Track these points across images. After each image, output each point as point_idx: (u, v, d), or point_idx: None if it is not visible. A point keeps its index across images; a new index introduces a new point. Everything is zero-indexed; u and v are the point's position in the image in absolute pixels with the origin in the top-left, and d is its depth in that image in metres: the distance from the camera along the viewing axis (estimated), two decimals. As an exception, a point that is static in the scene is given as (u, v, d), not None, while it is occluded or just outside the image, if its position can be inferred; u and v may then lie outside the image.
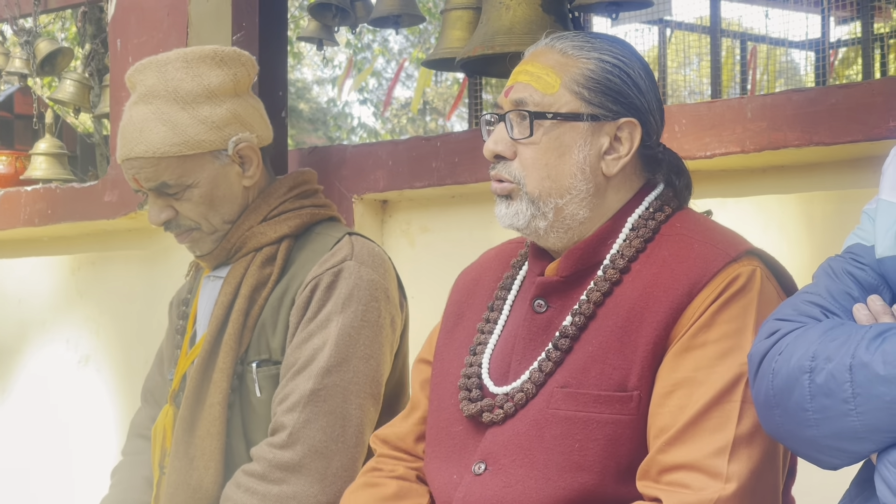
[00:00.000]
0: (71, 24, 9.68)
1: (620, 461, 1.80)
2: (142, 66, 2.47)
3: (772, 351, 1.62)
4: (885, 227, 1.66)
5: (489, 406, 1.92)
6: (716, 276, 1.82)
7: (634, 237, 1.93)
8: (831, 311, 1.65)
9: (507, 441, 1.88)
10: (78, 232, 4.48)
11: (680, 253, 1.88)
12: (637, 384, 1.81)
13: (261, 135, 2.53)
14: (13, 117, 6.07)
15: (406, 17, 4.26)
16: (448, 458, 1.98)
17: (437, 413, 2.05)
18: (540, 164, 1.92)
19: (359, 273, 2.45)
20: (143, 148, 2.40)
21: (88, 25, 5.24)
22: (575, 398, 1.83)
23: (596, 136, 1.92)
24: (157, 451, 2.57)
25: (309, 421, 2.35)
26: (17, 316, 4.82)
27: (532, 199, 1.92)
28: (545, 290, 1.96)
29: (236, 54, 2.51)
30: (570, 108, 1.92)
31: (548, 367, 1.88)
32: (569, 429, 1.82)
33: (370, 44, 16.21)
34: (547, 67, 1.94)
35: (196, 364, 2.49)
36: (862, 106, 2.66)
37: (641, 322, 1.83)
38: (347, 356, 2.39)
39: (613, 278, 1.89)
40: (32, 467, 4.68)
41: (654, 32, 8.55)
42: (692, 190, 2.07)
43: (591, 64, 1.93)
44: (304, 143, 17.22)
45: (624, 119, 1.93)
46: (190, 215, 2.48)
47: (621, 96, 1.93)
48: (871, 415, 1.48)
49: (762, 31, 9.29)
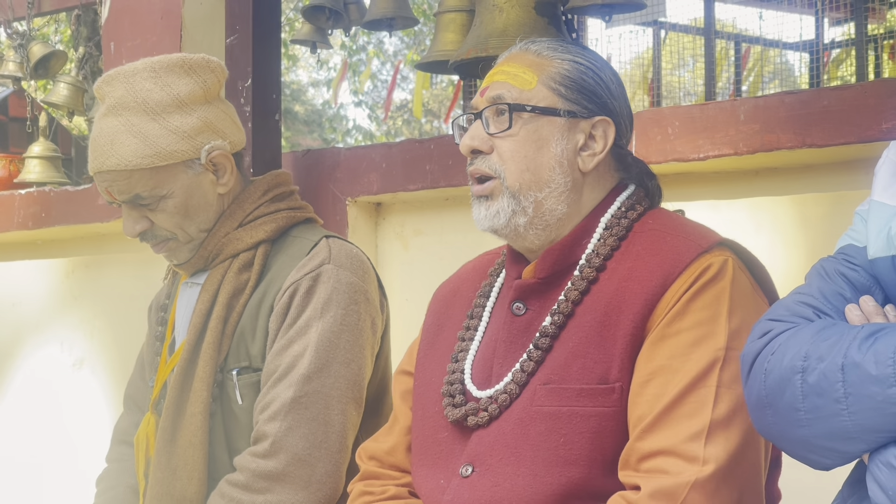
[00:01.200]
0: (65, 26, 9.68)
1: (606, 453, 1.82)
2: (109, 77, 2.44)
3: (764, 351, 1.63)
4: (877, 228, 1.66)
5: (473, 410, 1.93)
6: (688, 266, 1.86)
7: (609, 235, 1.96)
8: (824, 311, 1.65)
9: (494, 442, 1.89)
10: (72, 235, 4.48)
11: (653, 247, 1.91)
12: (618, 376, 1.83)
13: (233, 140, 2.50)
14: (7, 120, 6.08)
15: (400, 19, 4.26)
16: (435, 465, 1.98)
17: (421, 422, 2.06)
18: (519, 155, 1.95)
19: (337, 276, 2.43)
20: (114, 161, 2.37)
21: (82, 28, 5.23)
22: (558, 393, 1.85)
23: (572, 132, 1.97)
24: (140, 459, 2.55)
25: (291, 429, 2.33)
26: (12, 319, 4.82)
27: (513, 193, 1.95)
28: (523, 292, 1.98)
29: (205, 61, 2.47)
30: (547, 103, 1.96)
31: (529, 367, 1.90)
32: (553, 424, 1.84)
33: (365, 46, 16.21)
34: (523, 66, 1.99)
35: (175, 373, 2.46)
36: (855, 108, 2.67)
37: (619, 316, 1.86)
38: (328, 362, 2.38)
39: (590, 277, 1.92)
40: (27, 470, 4.68)
41: (648, 34, 8.55)
42: (662, 193, 2.10)
43: (567, 64, 1.99)
44: (300, 145, 17.22)
45: (598, 117, 1.98)
46: (165, 226, 2.46)
47: (595, 96, 1.98)
48: (862, 415, 1.48)
49: (756, 32, 9.31)
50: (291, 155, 3.79)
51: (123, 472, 2.67)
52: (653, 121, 3.00)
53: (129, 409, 2.77)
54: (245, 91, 3.38)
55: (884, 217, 1.66)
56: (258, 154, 3.38)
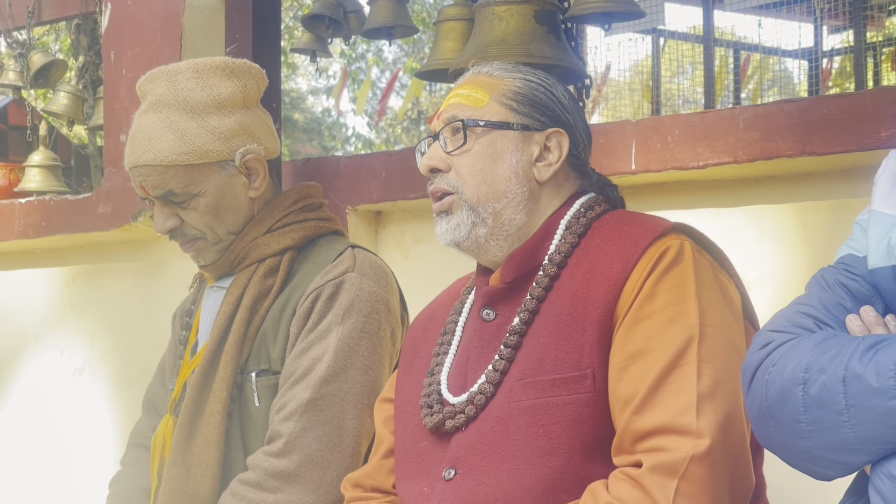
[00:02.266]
0: (65, 36, 9.69)
1: (585, 440, 1.85)
2: (152, 75, 2.50)
3: (765, 362, 1.62)
4: (877, 237, 1.66)
5: (450, 413, 1.97)
6: (646, 250, 1.90)
7: (569, 234, 2.01)
8: (824, 322, 1.65)
9: (474, 443, 1.91)
10: (72, 244, 4.48)
11: (610, 237, 1.96)
12: (589, 362, 1.87)
13: (268, 147, 2.55)
14: (7, 129, 6.08)
15: (399, 28, 4.26)
16: (417, 474, 2.01)
17: (402, 437, 2.09)
18: (475, 169, 2.02)
19: (360, 285, 2.46)
20: (151, 156, 2.41)
21: (82, 37, 5.24)
22: (533, 387, 1.88)
23: (527, 145, 2.03)
24: (156, 460, 2.58)
25: (305, 430, 2.35)
26: (12, 328, 4.81)
27: (471, 206, 2.01)
28: (491, 298, 2.03)
29: (247, 66, 2.53)
30: (500, 118, 2.03)
31: (501, 366, 1.94)
32: (531, 417, 1.87)
33: (364, 54, 16.23)
34: (475, 87, 2.07)
35: (196, 373, 2.49)
36: (854, 116, 2.67)
37: (586, 306, 1.90)
38: (346, 366, 2.40)
39: (553, 273, 1.97)
40: (29, 479, 4.67)
41: (647, 42, 8.57)
42: (624, 203, 2.15)
43: (518, 82, 2.06)
44: (299, 153, 17.23)
45: (551, 129, 2.04)
46: (195, 224, 2.49)
47: (548, 109, 2.05)
48: (864, 426, 1.48)
49: (755, 40, 9.32)
50: (291, 164, 3.79)
51: (137, 475, 2.69)
52: (652, 129, 3.00)
53: (147, 413, 2.79)
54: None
55: (884, 227, 1.66)
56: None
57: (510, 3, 3.12)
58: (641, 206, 3.15)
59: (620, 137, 3.05)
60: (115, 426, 4.29)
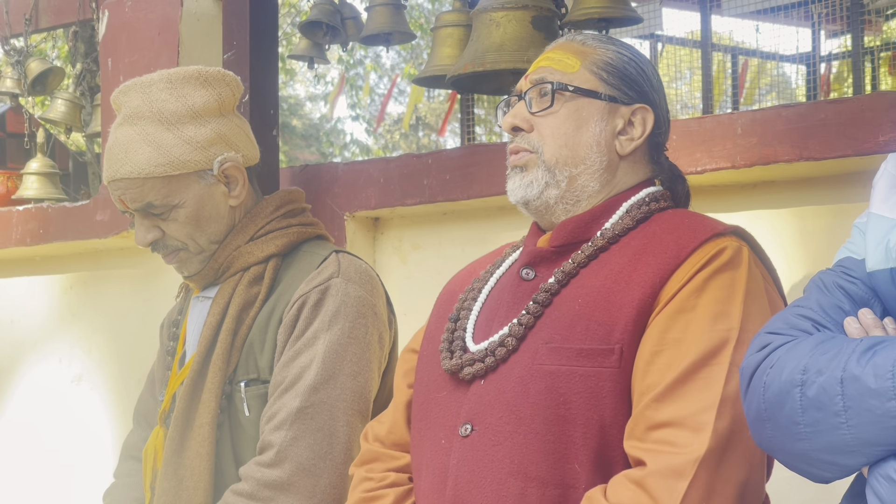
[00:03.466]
0: (62, 43, 9.69)
1: (603, 414, 1.82)
2: (126, 87, 2.48)
3: (763, 364, 1.62)
4: (875, 240, 1.66)
5: (469, 360, 1.95)
6: (703, 244, 1.88)
7: (627, 217, 1.99)
8: (822, 324, 1.65)
9: (493, 400, 1.90)
10: (70, 251, 4.48)
11: (669, 227, 1.95)
12: (620, 338, 1.84)
13: (246, 154, 2.53)
14: (5, 136, 6.09)
15: (397, 34, 4.27)
16: (434, 425, 1.99)
17: (421, 385, 2.08)
18: (559, 132, 2.01)
19: (346, 290, 2.45)
20: (128, 169, 2.40)
21: (80, 44, 5.25)
22: (559, 353, 1.86)
23: (612, 116, 2.03)
24: (147, 472, 2.56)
25: (296, 439, 2.34)
26: (10, 336, 4.81)
27: (548, 167, 2.01)
28: (534, 258, 2.01)
29: (220, 74, 2.51)
30: (589, 86, 2.03)
31: (526, 320, 1.91)
32: (552, 383, 1.85)
33: (362, 59, 16.23)
34: (568, 53, 2.07)
35: (185, 384, 2.48)
36: (852, 121, 2.67)
37: (629, 283, 1.88)
38: (334, 373, 2.39)
39: (600, 244, 1.96)
40: (27, 486, 4.67)
41: (645, 47, 8.58)
42: (690, 199, 2.15)
43: (611, 53, 2.06)
44: (297, 159, 17.23)
45: (638, 105, 2.05)
46: (176, 235, 2.48)
47: (637, 84, 2.05)
48: (862, 428, 1.48)
49: (753, 45, 9.33)
50: (289, 170, 3.79)
51: (130, 487, 2.68)
52: (650, 134, 2.99)
53: (138, 425, 2.79)
54: (242, 106, 3.38)
55: (882, 229, 1.66)
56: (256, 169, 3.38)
57: (507, 9, 3.12)
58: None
59: (618, 143, 3.04)
60: (113, 434, 4.29)
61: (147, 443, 2.59)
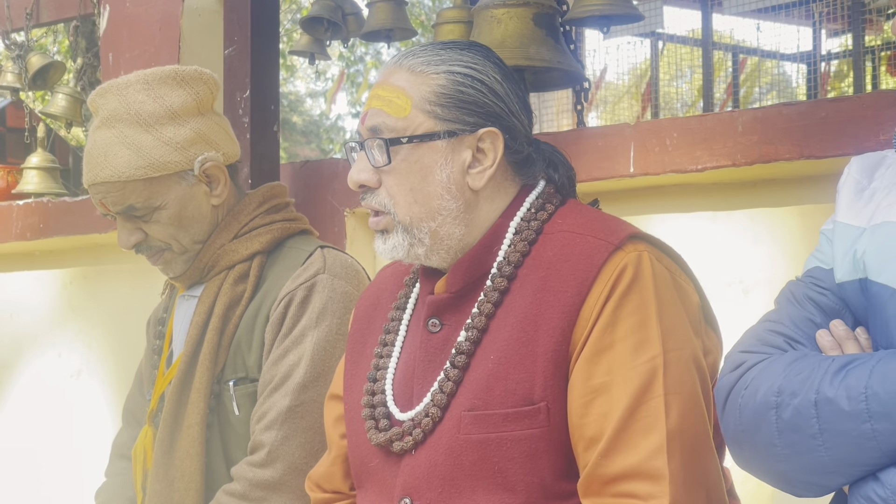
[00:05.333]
0: (63, 37, 9.69)
1: (543, 476, 1.77)
2: (102, 90, 2.45)
3: (737, 385, 1.60)
4: (842, 250, 1.64)
5: (398, 435, 1.88)
6: (602, 268, 1.79)
7: (518, 241, 1.88)
8: (795, 339, 1.63)
9: (427, 472, 1.84)
10: (70, 246, 4.48)
11: (563, 251, 1.83)
12: (543, 395, 1.77)
13: (227, 152, 2.50)
14: (5, 131, 6.07)
15: (398, 30, 4.27)
16: (374, 495, 1.94)
17: (354, 449, 2.00)
18: (404, 189, 1.88)
19: (332, 286, 2.43)
20: (108, 173, 2.38)
21: (80, 39, 5.24)
22: (484, 420, 1.79)
23: (457, 152, 1.88)
24: (138, 472, 2.55)
25: (287, 438, 2.33)
26: (10, 330, 4.81)
27: (406, 228, 1.89)
28: (437, 308, 1.91)
29: (198, 73, 2.48)
30: (425, 129, 1.87)
31: (448, 388, 1.84)
32: (485, 452, 1.78)
33: (363, 56, 16.23)
34: (397, 89, 1.89)
35: (173, 385, 2.47)
36: (852, 119, 2.67)
37: (537, 330, 1.79)
38: (324, 371, 2.37)
39: (501, 287, 1.85)
40: (27, 480, 4.67)
41: (646, 45, 8.58)
42: (575, 180, 2.02)
43: (442, 79, 1.88)
44: (297, 156, 17.22)
45: (483, 130, 1.87)
46: (159, 237, 2.46)
47: (477, 107, 1.88)
48: (839, 450, 1.47)
49: (754, 43, 9.33)
50: (290, 166, 3.79)
51: (122, 486, 2.66)
52: (651, 132, 3.00)
53: (127, 424, 2.77)
54: (243, 102, 3.39)
55: (849, 239, 1.64)
56: (256, 165, 3.38)
57: (509, 6, 3.12)
58: (640, 210, 3.16)
59: (619, 141, 3.04)
60: (113, 428, 4.29)
61: (136, 442, 2.58)
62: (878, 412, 1.44)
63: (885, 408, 1.43)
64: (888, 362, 1.46)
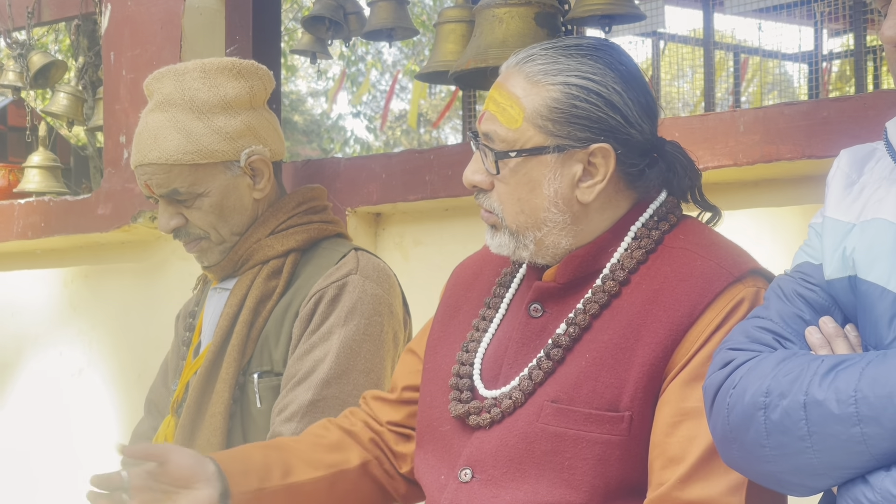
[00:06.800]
0: (64, 36, 9.69)
1: (609, 481, 1.78)
2: (160, 74, 2.50)
3: (726, 384, 1.59)
4: (832, 247, 1.63)
5: (477, 409, 1.90)
6: (718, 297, 1.78)
7: (636, 247, 1.88)
8: (784, 336, 1.62)
9: (496, 450, 1.86)
10: (71, 245, 4.48)
11: (682, 269, 1.83)
12: (629, 405, 1.77)
13: (273, 149, 2.55)
14: (6, 130, 6.08)
15: (399, 30, 4.27)
16: (436, 458, 1.97)
17: (427, 410, 2.03)
18: (512, 199, 1.89)
19: (363, 287, 2.46)
20: (156, 154, 2.42)
21: (82, 38, 5.23)
22: (565, 415, 1.80)
23: (567, 167, 1.85)
24: None
25: None
26: (10, 329, 4.81)
27: (512, 233, 1.90)
28: (542, 294, 1.92)
29: (254, 67, 2.53)
30: (534, 143, 1.85)
31: (538, 377, 1.85)
32: (558, 445, 1.80)
33: (364, 56, 16.24)
34: (512, 97, 1.87)
35: (199, 374, 2.50)
36: (854, 119, 2.67)
37: (638, 340, 1.79)
38: (348, 369, 2.40)
39: (612, 290, 1.85)
40: (28, 479, 4.67)
41: (647, 45, 8.58)
42: (701, 188, 2.01)
43: (556, 91, 1.84)
44: (299, 155, 17.23)
45: (595, 146, 1.84)
46: (199, 224, 2.50)
47: (590, 122, 1.84)
48: (828, 452, 1.47)
49: (755, 43, 9.33)
50: (291, 165, 3.79)
51: None
52: (653, 131, 2.99)
53: (149, 413, 2.80)
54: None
55: (838, 234, 1.63)
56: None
57: (510, 6, 3.12)
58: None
59: (620, 140, 3.04)
60: (114, 427, 4.29)
61: (158, 431, 2.60)
62: (867, 416, 1.42)
63: (874, 412, 1.42)
64: (878, 365, 1.45)
